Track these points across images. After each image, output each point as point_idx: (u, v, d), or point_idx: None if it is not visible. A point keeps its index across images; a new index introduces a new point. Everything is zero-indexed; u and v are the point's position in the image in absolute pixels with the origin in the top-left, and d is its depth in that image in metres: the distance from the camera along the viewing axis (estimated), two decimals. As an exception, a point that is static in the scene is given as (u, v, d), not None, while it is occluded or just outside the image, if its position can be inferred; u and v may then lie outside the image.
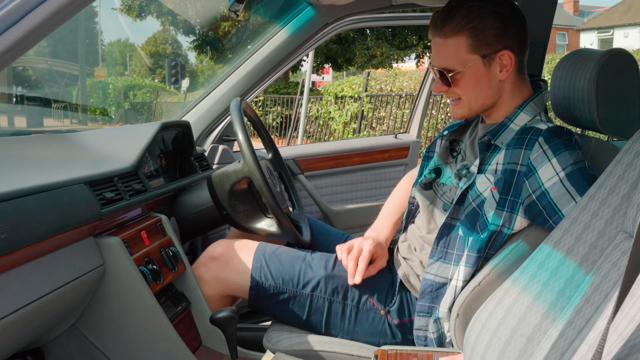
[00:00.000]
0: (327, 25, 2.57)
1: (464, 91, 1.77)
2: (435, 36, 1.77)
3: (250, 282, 1.90)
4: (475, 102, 1.78)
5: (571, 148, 1.67)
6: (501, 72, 1.76)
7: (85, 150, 2.03)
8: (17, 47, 0.92)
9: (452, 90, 1.77)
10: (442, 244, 1.79)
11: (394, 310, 1.87)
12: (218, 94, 2.67)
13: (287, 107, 15.58)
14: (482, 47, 1.73)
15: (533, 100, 1.81)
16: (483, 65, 1.74)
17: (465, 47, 1.73)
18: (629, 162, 1.38)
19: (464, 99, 1.78)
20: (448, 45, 1.74)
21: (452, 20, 1.73)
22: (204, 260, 1.97)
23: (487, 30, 1.72)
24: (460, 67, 1.74)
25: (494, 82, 1.77)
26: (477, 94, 1.77)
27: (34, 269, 1.37)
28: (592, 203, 1.42)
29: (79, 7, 0.94)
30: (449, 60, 1.75)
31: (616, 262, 1.24)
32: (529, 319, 1.40)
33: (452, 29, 1.73)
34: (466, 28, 1.72)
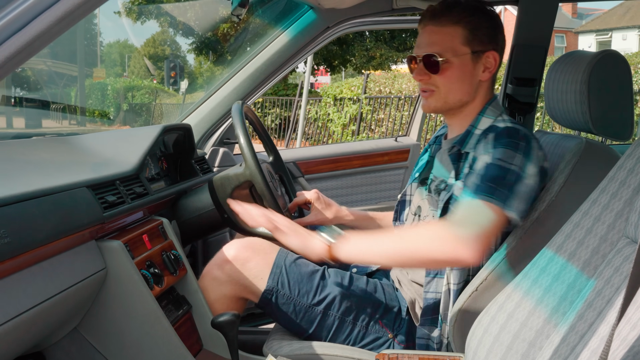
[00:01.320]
0: (329, 28, 2.57)
1: (446, 81, 1.79)
2: (429, 25, 1.81)
3: (266, 285, 1.88)
4: (453, 96, 1.81)
5: (512, 149, 1.68)
6: (484, 72, 1.81)
7: (87, 154, 2.03)
8: (23, 52, 0.92)
9: (434, 79, 1.80)
10: None
11: (402, 334, 1.87)
12: (219, 96, 2.67)
13: (286, 109, 15.58)
14: (475, 43, 1.78)
15: (491, 104, 1.85)
16: (471, 60, 1.79)
17: (460, 37, 1.78)
18: (631, 168, 1.38)
19: (442, 91, 1.80)
20: (443, 33, 1.78)
21: (451, 12, 1.78)
22: (219, 262, 1.93)
23: (482, 28, 1.79)
24: (451, 55, 1.77)
25: (475, 81, 1.81)
26: (458, 87, 1.80)
27: (37, 273, 1.37)
28: (594, 208, 1.42)
29: (85, 13, 0.94)
30: (442, 47, 1.78)
31: (618, 267, 1.24)
32: (531, 324, 1.40)
33: (450, 19, 1.78)
34: (465, 21, 1.78)
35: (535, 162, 1.68)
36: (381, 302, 1.89)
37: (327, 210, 2.20)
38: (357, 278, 1.94)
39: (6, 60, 0.91)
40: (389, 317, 1.88)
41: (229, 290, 1.93)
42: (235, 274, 1.91)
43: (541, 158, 1.72)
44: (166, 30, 23.46)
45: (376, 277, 2.03)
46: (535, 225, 1.67)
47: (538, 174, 1.68)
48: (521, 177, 1.65)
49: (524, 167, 1.66)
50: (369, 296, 1.90)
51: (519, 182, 1.64)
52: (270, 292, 1.88)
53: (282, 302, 1.88)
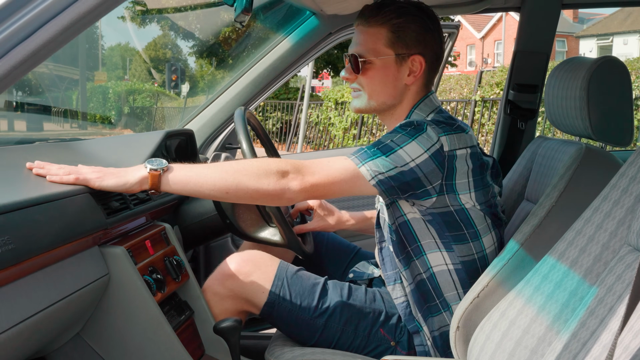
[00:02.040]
0: (331, 34, 2.58)
1: (369, 82, 1.81)
2: (360, 25, 1.82)
3: (268, 298, 1.88)
4: (377, 98, 1.82)
5: (395, 131, 1.69)
6: (409, 76, 1.81)
7: (90, 159, 2.03)
8: (29, 61, 0.92)
9: (359, 79, 1.82)
10: (390, 267, 1.87)
11: (404, 341, 1.88)
12: (221, 102, 2.68)
13: (287, 113, 15.60)
14: (399, 45, 1.79)
15: (418, 107, 1.84)
16: (395, 62, 1.79)
17: (384, 39, 1.79)
18: (633, 175, 1.38)
19: (366, 91, 1.82)
20: (368, 34, 1.80)
21: (379, 13, 1.79)
22: (220, 277, 1.93)
23: (408, 32, 1.79)
24: (373, 56, 1.79)
25: (400, 84, 1.81)
26: (381, 89, 1.81)
27: (40, 279, 1.37)
28: (596, 215, 1.42)
29: (90, 23, 0.95)
30: (365, 48, 1.79)
31: (620, 275, 1.25)
32: (533, 331, 1.40)
33: (377, 20, 1.79)
34: (390, 23, 1.78)
35: (423, 144, 1.66)
36: (381, 311, 1.90)
37: (329, 216, 2.20)
38: (357, 288, 1.95)
39: (12, 69, 0.91)
40: (389, 325, 1.89)
41: (230, 304, 1.92)
42: (237, 288, 1.91)
43: (443, 142, 1.69)
44: (167, 34, 23.48)
45: (375, 286, 2.03)
46: (537, 230, 1.67)
47: (431, 157, 1.66)
48: (393, 150, 1.64)
49: (402, 144, 1.65)
50: (369, 305, 1.90)
51: (388, 153, 1.64)
52: (272, 305, 1.88)
53: (284, 315, 1.88)
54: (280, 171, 1.58)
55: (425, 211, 1.75)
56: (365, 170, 1.61)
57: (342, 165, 1.63)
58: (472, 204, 1.75)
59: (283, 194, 1.58)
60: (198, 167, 1.65)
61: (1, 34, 0.91)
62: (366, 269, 2.13)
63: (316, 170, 1.61)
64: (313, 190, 1.61)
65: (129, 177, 1.61)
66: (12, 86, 2.65)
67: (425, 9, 1.83)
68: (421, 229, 1.77)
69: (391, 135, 1.68)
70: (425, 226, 1.77)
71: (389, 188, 1.64)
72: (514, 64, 2.61)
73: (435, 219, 1.75)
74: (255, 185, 1.58)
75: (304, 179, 1.59)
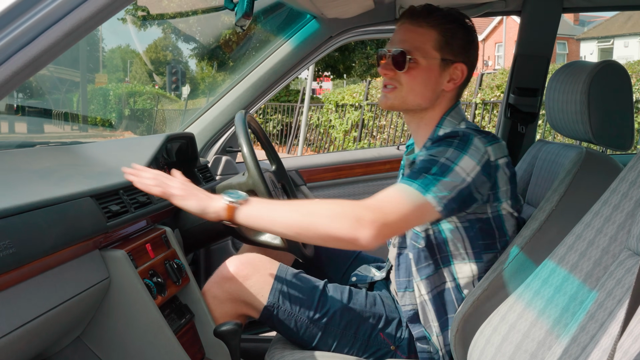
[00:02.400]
0: (332, 38, 2.58)
1: (410, 80, 1.78)
2: (407, 23, 1.80)
3: (267, 301, 1.88)
4: (413, 98, 1.80)
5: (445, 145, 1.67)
6: (448, 83, 1.80)
7: (91, 163, 2.04)
8: (30, 66, 0.93)
9: (399, 76, 1.78)
10: (403, 274, 1.85)
11: (404, 345, 1.88)
12: (222, 105, 2.68)
13: (287, 115, 15.61)
14: (446, 51, 1.78)
15: (449, 115, 1.83)
16: (439, 66, 1.78)
17: (433, 41, 1.77)
18: (633, 180, 1.39)
19: (404, 89, 1.79)
20: (418, 33, 1.78)
21: (430, 15, 1.78)
22: (218, 280, 1.93)
23: (456, 39, 1.79)
24: (420, 56, 1.77)
25: (438, 89, 1.80)
26: (420, 90, 1.79)
27: (41, 283, 1.37)
28: (596, 220, 1.42)
29: (92, 28, 0.95)
30: (412, 46, 1.77)
31: (620, 280, 1.25)
32: (533, 335, 1.40)
33: (428, 22, 1.77)
34: (442, 27, 1.77)
35: (474, 157, 1.65)
36: (381, 314, 1.90)
37: None
38: (357, 292, 1.95)
39: (14, 74, 0.92)
40: (390, 329, 1.89)
41: (229, 308, 1.92)
42: (236, 291, 1.91)
43: (490, 154, 1.69)
44: (168, 36, 23.49)
45: (376, 289, 2.03)
46: (537, 235, 1.67)
47: (480, 169, 1.65)
48: (450, 168, 1.62)
49: (457, 159, 1.64)
50: (369, 309, 1.90)
51: (447, 172, 1.61)
52: (271, 308, 1.88)
53: (284, 318, 1.88)
54: (355, 216, 1.52)
55: (465, 217, 1.74)
56: (432, 198, 1.58)
57: (411, 198, 1.58)
58: (508, 211, 1.76)
59: (357, 240, 1.52)
60: (274, 204, 1.66)
61: (3, 39, 0.91)
62: (368, 272, 2.13)
63: (389, 209, 1.56)
64: (387, 232, 1.55)
65: (209, 205, 1.65)
66: (14, 89, 2.61)
67: (468, 21, 1.84)
68: (454, 237, 1.76)
69: (442, 151, 1.65)
70: (460, 234, 1.76)
71: (451, 210, 1.63)
72: (514, 68, 2.61)
73: (472, 225, 1.75)
74: (328, 230, 1.54)
75: (379, 223, 1.52)
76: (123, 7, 0.97)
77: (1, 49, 0.91)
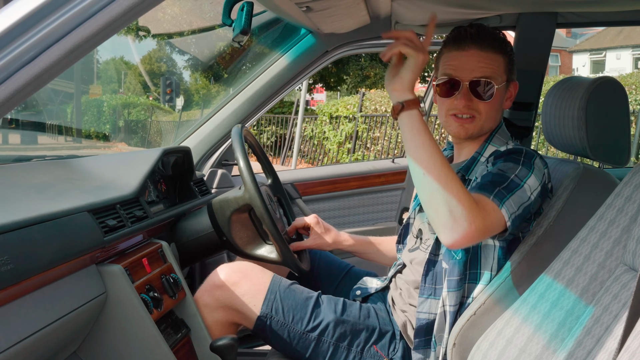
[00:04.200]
0: (327, 52, 2.60)
1: (490, 108, 1.77)
2: (472, 48, 1.76)
3: (260, 312, 1.88)
4: (489, 123, 1.80)
5: (513, 162, 1.67)
6: (507, 101, 1.83)
7: (88, 177, 2.04)
8: (32, 85, 0.93)
9: (476, 104, 1.76)
10: (430, 281, 1.82)
11: (397, 357, 1.88)
12: (218, 119, 2.69)
13: (281, 127, 15.61)
14: (511, 72, 1.81)
15: (498, 132, 1.85)
16: (504, 88, 1.81)
17: (503, 66, 1.79)
18: (628, 195, 1.40)
19: (483, 117, 1.78)
20: (490, 59, 1.76)
21: (493, 38, 1.77)
22: (208, 288, 1.94)
23: (513, 60, 1.82)
24: (499, 82, 1.77)
25: (501, 109, 1.83)
26: (494, 115, 1.80)
27: (38, 298, 1.37)
28: (592, 235, 1.43)
29: (93, 46, 0.96)
30: (493, 72, 1.76)
31: (617, 295, 1.26)
32: (529, 350, 1.41)
33: (494, 46, 1.77)
34: (506, 50, 1.79)
35: (538, 177, 1.67)
36: (375, 327, 1.90)
37: (326, 234, 2.21)
38: (351, 304, 1.95)
39: (15, 92, 0.92)
40: (383, 342, 1.89)
41: (221, 316, 1.93)
42: (226, 299, 1.91)
43: (546, 176, 1.72)
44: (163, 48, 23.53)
45: (371, 302, 2.03)
46: (533, 249, 1.68)
47: (539, 190, 1.67)
48: (520, 185, 1.63)
49: (525, 178, 1.64)
50: (363, 321, 1.90)
51: (517, 189, 1.62)
52: (265, 318, 1.88)
53: (277, 329, 1.88)
54: (472, 216, 1.47)
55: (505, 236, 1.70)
56: (505, 211, 1.58)
57: (493, 209, 1.56)
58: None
59: (455, 233, 1.46)
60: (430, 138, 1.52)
61: (5, 57, 0.92)
62: (371, 283, 2.13)
63: (488, 220, 1.53)
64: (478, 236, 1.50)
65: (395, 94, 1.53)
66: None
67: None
68: (487, 256, 1.76)
69: (512, 168, 1.65)
70: (492, 254, 1.75)
71: (515, 227, 1.63)
72: (509, 82, 2.63)
73: (506, 245, 1.75)
74: (444, 207, 1.46)
75: (480, 232, 1.49)
76: (124, 27, 0.98)
77: (3, 67, 0.91)
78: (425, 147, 1.50)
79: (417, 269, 1.89)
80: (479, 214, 1.48)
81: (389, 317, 1.96)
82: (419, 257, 1.90)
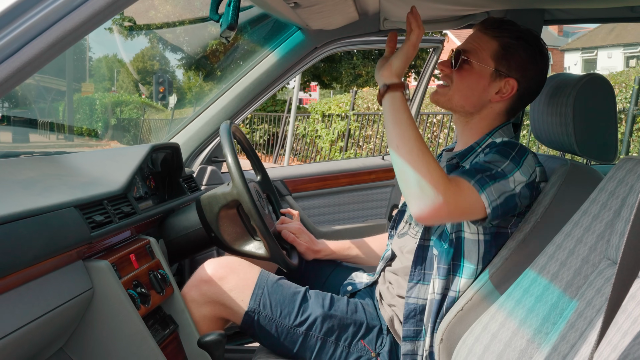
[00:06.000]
0: (316, 49, 2.60)
1: (459, 80, 1.83)
2: (478, 30, 1.86)
3: (248, 306, 1.89)
4: (458, 98, 1.84)
5: (502, 155, 1.70)
6: (496, 94, 1.82)
7: (75, 173, 2.03)
8: (14, 78, 0.93)
9: (452, 75, 1.84)
10: (420, 266, 1.83)
11: (385, 352, 1.88)
12: (207, 115, 2.69)
13: (274, 125, 15.60)
14: (501, 63, 1.81)
15: (502, 129, 1.86)
16: (490, 75, 1.81)
17: (491, 50, 1.81)
18: (612, 190, 1.40)
19: (453, 89, 1.84)
20: (481, 40, 1.83)
21: (499, 27, 1.83)
22: (195, 283, 1.94)
23: (516, 55, 1.81)
24: (474, 59, 1.81)
25: (484, 97, 1.83)
26: (466, 92, 1.83)
27: (23, 294, 1.37)
28: (576, 230, 1.44)
29: (77, 39, 0.96)
30: (472, 48, 1.82)
31: (600, 289, 1.26)
32: (514, 344, 1.41)
33: (493, 32, 1.82)
34: (504, 40, 1.81)
35: (525, 173, 1.69)
36: (362, 322, 1.91)
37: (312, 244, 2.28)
38: (338, 299, 1.96)
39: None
40: (371, 336, 1.90)
41: (208, 311, 1.93)
42: (213, 294, 1.91)
43: (537, 175, 1.74)
44: (155, 46, 23.45)
45: (358, 297, 2.04)
46: (521, 245, 1.69)
47: (527, 185, 1.69)
48: (505, 177, 1.66)
49: (511, 172, 1.67)
50: (350, 316, 1.91)
51: (500, 179, 1.65)
52: (252, 313, 1.88)
53: (264, 324, 1.88)
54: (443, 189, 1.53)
55: (489, 229, 1.76)
56: (485, 198, 1.61)
57: (471, 192, 1.61)
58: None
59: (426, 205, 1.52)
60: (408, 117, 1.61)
61: (-14, 51, 0.92)
62: (361, 278, 2.14)
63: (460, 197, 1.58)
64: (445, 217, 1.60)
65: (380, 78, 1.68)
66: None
67: (540, 44, 1.86)
68: (471, 250, 1.77)
69: (500, 161, 1.69)
70: (476, 248, 1.77)
71: (497, 216, 1.65)
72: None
73: (491, 239, 1.76)
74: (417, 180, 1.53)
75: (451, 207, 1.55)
76: (108, 19, 0.98)
77: (-16, 60, 0.91)
78: (401, 123, 1.60)
79: (408, 257, 1.90)
80: (450, 189, 1.54)
81: (377, 312, 1.96)
82: (409, 245, 1.92)
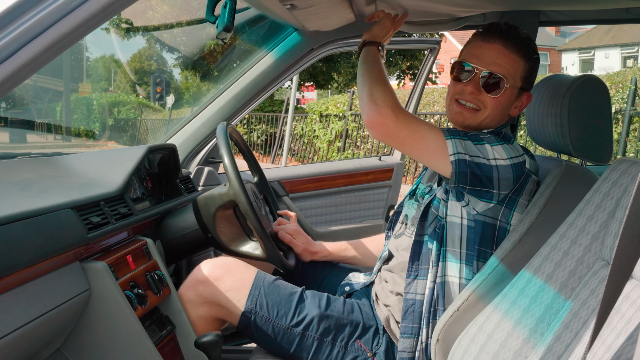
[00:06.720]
0: (313, 50, 2.60)
1: (496, 106, 1.82)
2: (498, 43, 1.81)
3: (245, 307, 1.89)
4: (489, 121, 1.85)
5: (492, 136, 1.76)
6: (514, 109, 1.87)
7: (72, 174, 2.03)
8: (10, 80, 0.93)
9: (484, 97, 1.82)
10: (416, 261, 1.85)
11: (381, 352, 1.89)
12: (204, 116, 2.69)
13: (271, 125, 15.60)
14: (527, 81, 1.85)
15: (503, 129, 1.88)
16: (516, 94, 1.85)
17: (522, 71, 1.83)
18: (606, 191, 1.41)
19: (486, 113, 1.83)
20: (511, 59, 1.81)
21: (520, 41, 1.82)
22: (192, 283, 1.95)
23: (534, 72, 1.86)
24: (510, 83, 1.81)
25: (507, 113, 1.87)
26: (498, 114, 1.85)
27: (20, 295, 1.37)
28: (571, 231, 1.45)
29: (73, 42, 0.96)
30: (507, 72, 1.80)
31: (594, 290, 1.27)
32: (509, 345, 1.42)
33: (520, 49, 1.82)
34: (531, 58, 1.84)
35: (508, 151, 1.72)
36: (359, 322, 1.92)
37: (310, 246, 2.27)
38: (335, 299, 1.97)
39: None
40: (367, 336, 1.91)
41: (204, 311, 1.93)
42: (210, 295, 1.92)
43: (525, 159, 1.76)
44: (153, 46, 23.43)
45: (354, 298, 2.05)
46: (517, 247, 1.70)
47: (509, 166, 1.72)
48: (482, 142, 1.71)
49: (492, 143, 1.72)
50: (347, 316, 1.92)
51: (477, 142, 1.70)
52: (249, 314, 1.89)
53: (261, 324, 1.89)
54: (394, 104, 1.68)
55: (474, 216, 1.77)
56: (451, 144, 1.66)
57: (433, 130, 1.70)
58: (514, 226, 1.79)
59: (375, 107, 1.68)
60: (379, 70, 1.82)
61: (-18, 54, 0.92)
62: (358, 279, 2.15)
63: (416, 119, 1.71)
64: (400, 130, 1.68)
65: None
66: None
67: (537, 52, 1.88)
68: (453, 235, 1.79)
69: (482, 134, 1.74)
70: (460, 233, 1.78)
71: (462, 173, 1.68)
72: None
73: (477, 227, 1.78)
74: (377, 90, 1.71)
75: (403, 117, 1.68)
76: (104, 22, 0.98)
77: (-19, 63, 0.92)
78: (368, 61, 1.84)
79: (403, 254, 1.92)
80: (402, 110, 1.70)
81: (373, 312, 1.97)
82: (405, 244, 1.93)
